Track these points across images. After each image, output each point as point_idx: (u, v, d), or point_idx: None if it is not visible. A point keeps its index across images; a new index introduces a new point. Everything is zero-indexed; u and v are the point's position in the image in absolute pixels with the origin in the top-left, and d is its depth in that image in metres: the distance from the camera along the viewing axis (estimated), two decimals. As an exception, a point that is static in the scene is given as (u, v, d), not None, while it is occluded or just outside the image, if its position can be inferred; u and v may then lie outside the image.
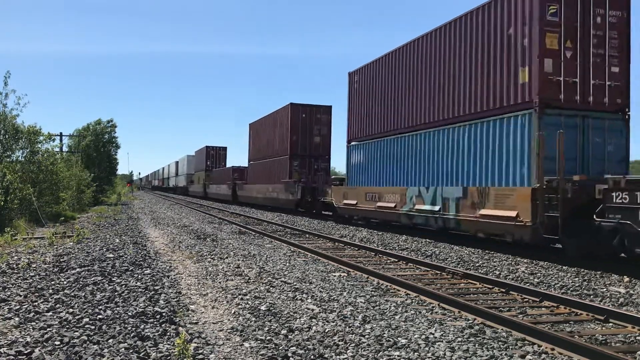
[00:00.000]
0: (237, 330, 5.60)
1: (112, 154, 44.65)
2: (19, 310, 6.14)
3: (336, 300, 7.18)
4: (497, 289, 8.21)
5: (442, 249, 13.11)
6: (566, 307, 6.97)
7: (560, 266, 10.63)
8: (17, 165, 19.42)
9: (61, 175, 23.87)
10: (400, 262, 11.07)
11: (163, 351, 4.77)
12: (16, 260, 9.78)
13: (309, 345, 5.13)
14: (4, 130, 19.52)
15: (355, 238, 15.82)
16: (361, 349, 5.06)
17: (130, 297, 6.85)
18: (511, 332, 5.69)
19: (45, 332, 5.26)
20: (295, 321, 6.00)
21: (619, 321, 6.24)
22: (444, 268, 9.81)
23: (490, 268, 10.36)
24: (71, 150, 39.09)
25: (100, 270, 8.83)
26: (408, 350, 5.06)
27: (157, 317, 5.90)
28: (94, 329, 5.40)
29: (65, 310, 6.12)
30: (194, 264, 10.08)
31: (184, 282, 8.28)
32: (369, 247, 13.14)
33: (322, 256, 11.54)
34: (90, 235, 14.72)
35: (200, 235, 15.64)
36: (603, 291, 8.26)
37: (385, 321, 6.10)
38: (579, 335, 5.77)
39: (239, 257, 11.09)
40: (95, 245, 12.22)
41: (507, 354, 5.02)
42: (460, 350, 5.07)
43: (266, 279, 8.66)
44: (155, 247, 12.47)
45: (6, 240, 12.94)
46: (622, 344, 5.55)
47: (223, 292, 7.54)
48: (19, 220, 17.43)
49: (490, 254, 12.25)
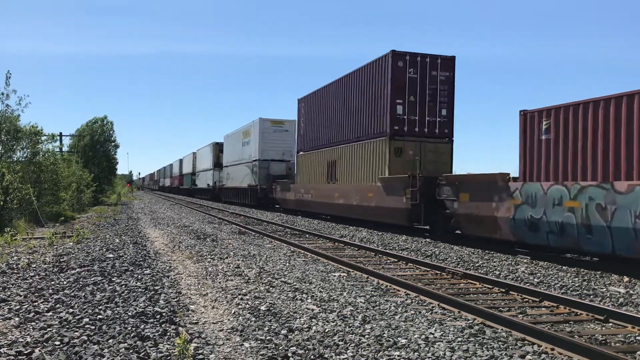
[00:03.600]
0: (237, 330, 5.60)
1: (111, 153, 44.58)
2: (19, 310, 6.14)
3: (336, 300, 7.18)
4: (497, 289, 8.22)
5: (442, 249, 13.11)
6: (566, 307, 6.98)
7: (560, 266, 10.64)
8: (17, 166, 19.41)
9: (62, 175, 23.88)
10: (400, 262, 11.07)
11: (163, 351, 4.77)
12: (16, 261, 9.78)
13: (309, 345, 5.13)
14: (5, 130, 19.49)
15: (355, 238, 15.83)
16: (361, 349, 5.07)
17: (130, 297, 6.85)
18: (511, 332, 5.69)
19: (45, 332, 5.27)
20: (295, 321, 6.00)
21: (618, 321, 6.25)
22: (444, 268, 9.81)
23: (490, 268, 10.36)
24: (71, 150, 39.08)
25: (100, 270, 8.83)
26: (408, 350, 5.06)
27: (157, 317, 5.90)
28: (94, 329, 5.40)
29: (65, 311, 6.12)
30: (194, 264, 10.08)
31: (184, 282, 8.28)
32: (369, 247, 13.14)
33: (322, 256, 11.54)
34: (90, 235, 14.72)
35: (200, 236, 15.64)
36: (603, 291, 8.26)
37: (385, 321, 6.11)
38: (579, 335, 5.77)
39: (239, 257, 11.09)
40: (95, 246, 12.22)
41: (507, 354, 5.02)
42: (460, 350, 5.07)
43: (266, 279, 8.66)
44: (155, 247, 12.47)
45: (6, 240, 12.94)
46: (622, 344, 5.56)
47: (223, 292, 7.54)
48: (18, 220, 17.42)
49: (490, 254, 12.26)
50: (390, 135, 18.44)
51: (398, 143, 18.46)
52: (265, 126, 34.06)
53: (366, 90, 20.38)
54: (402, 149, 18.43)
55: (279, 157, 34.01)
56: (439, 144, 18.80)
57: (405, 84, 18.41)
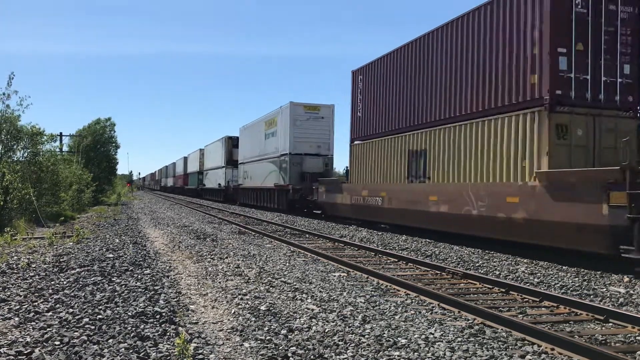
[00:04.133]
0: (237, 330, 5.60)
1: (111, 153, 44.64)
2: (19, 310, 6.14)
3: (336, 300, 7.18)
4: (497, 289, 8.21)
5: (442, 249, 13.11)
6: (566, 307, 6.97)
7: (560, 266, 10.63)
8: (17, 166, 19.41)
9: (62, 176, 23.88)
10: (400, 262, 11.07)
11: (163, 351, 4.77)
12: (16, 261, 9.78)
13: (308, 345, 5.13)
14: (5, 130, 19.51)
15: (355, 238, 15.82)
16: (361, 349, 5.06)
17: (130, 297, 6.85)
18: (511, 332, 5.69)
19: (45, 332, 5.27)
20: (295, 321, 6.00)
21: (618, 321, 6.24)
22: (444, 268, 9.81)
23: (490, 268, 10.36)
24: (71, 150, 39.09)
25: (100, 270, 8.83)
26: (408, 350, 5.06)
27: (157, 317, 5.90)
28: (94, 329, 5.40)
29: (65, 310, 6.12)
30: (194, 264, 10.08)
31: (184, 282, 8.28)
32: (369, 247, 13.14)
33: (322, 256, 11.53)
34: (90, 235, 14.71)
35: (200, 235, 15.63)
36: (603, 291, 8.26)
37: (385, 321, 6.10)
38: (579, 335, 5.77)
39: (239, 257, 11.09)
40: (95, 245, 12.22)
41: (507, 354, 5.02)
42: (460, 350, 5.07)
43: (266, 279, 8.66)
44: (155, 247, 12.47)
45: (6, 240, 12.94)
46: (622, 344, 5.55)
47: (223, 292, 7.54)
48: (18, 220, 17.43)
49: (490, 254, 12.25)
50: (550, 105, 11.72)
51: (563, 117, 11.80)
52: (298, 112, 27.71)
53: (492, 39, 13.52)
54: (567, 126, 11.86)
55: (314, 150, 27.84)
56: (620, 119, 12.26)
57: (570, 24, 11.85)
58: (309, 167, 27.42)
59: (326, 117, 27.88)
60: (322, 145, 27.94)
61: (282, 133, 28.85)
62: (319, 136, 27.93)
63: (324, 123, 27.95)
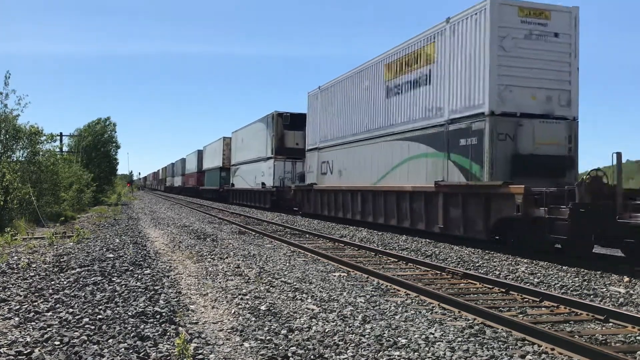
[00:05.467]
0: (237, 330, 5.60)
1: (111, 153, 44.61)
2: (19, 310, 6.14)
3: (336, 300, 7.18)
4: (497, 289, 8.21)
5: (442, 249, 13.11)
6: (566, 307, 6.97)
7: (560, 266, 10.63)
8: (16, 165, 19.41)
9: (62, 176, 23.86)
10: (400, 262, 11.07)
11: (163, 351, 4.77)
12: (16, 260, 9.78)
13: (309, 345, 5.13)
14: (4, 130, 19.49)
15: (355, 238, 15.82)
16: (361, 348, 5.06)
17: (130, 297, 6.85)
18: (511, 332, 5.69)
19: (45, 332, 5.26)
20: (295, 321, 6.00)
21: (619, 321, 6.24)
22: (444, 268, 9.81)
23: (490, 268, 10.36)
24: (71, 150, 39.07)
25: (100, 270, 8.83)
26: (408, 350, 5.06)
27: (157, 317, 5.90)
28: (94, 329, 5.40)
29: (65, 310, 6.12)
30: (194, 264, 10.08)
31: (184, 282, 8.28)
32: (369, 247, 13.14)
33: (322, 256, 11.53)
34: (90, 235, 14.71)
35: (200, 235, 15.64)
36: (603, 291, 8.26)
37: (385, 321, 6.10)
38: (579, 335, 5.77)
39: (239, 257, 11.09)
40: (95, 245, 12.21)
41: (507, 354, 5.02)
42: (460, 350, 5.07)
43: (266, 279, 8.66)
44: (155, 247, 12.47)
45: (6, 240, 12.93)
46: (622, 344, 5.55)
47: (223, 292, 7.54)
48: (19, 220, 17.42)
49: (490, 254, 12.25)
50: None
51: None
52: (508, 15, 12.84)
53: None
54: None
55: (541, 107, 13.16)
56: None
57: None
58: (535, 140, 13.06)
59: (562, 35, 13.33)
60: (553, 95, 13.32)
61: (448, 73, 14.62)
62: (548, 71, 13.28)
63: (558, 46, 13.35)
